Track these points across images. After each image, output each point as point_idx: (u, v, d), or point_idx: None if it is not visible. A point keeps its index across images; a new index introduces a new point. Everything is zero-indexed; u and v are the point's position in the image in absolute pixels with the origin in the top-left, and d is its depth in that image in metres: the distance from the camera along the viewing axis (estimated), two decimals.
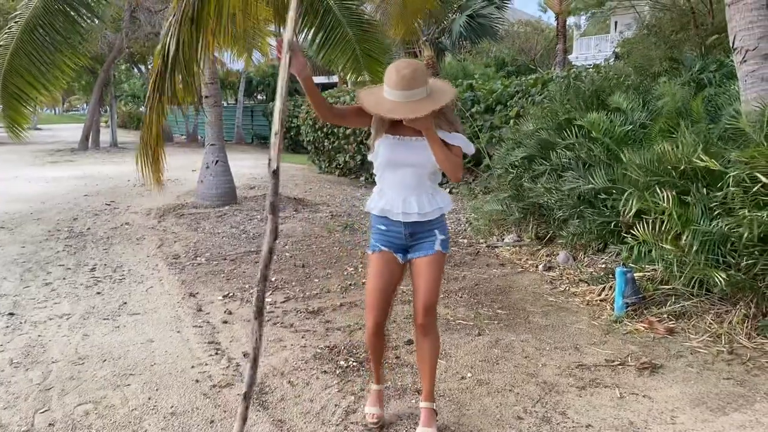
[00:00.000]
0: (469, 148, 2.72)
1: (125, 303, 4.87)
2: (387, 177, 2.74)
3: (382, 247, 2.77)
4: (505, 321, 4.40)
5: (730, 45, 4.57)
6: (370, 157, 2.81)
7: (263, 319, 2.42)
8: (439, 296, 2.83)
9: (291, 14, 2.51)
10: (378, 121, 2.69)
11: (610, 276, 4.84)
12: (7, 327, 4.35)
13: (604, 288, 4.85)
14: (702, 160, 3.93)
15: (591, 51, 29.82)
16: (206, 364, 3.68)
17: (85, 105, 51.41)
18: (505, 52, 33.80)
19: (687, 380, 3.41)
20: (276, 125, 2.46)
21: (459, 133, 2.69)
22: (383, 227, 2.77)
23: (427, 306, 2.75)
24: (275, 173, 2.47)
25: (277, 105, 2.46)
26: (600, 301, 4.75)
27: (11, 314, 4.61)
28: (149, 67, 27.66)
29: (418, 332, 2.85)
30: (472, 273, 5.64)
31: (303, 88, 2.62)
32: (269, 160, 2.47)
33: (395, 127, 2.69)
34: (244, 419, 2.39)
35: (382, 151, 2.70)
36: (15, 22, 7.18)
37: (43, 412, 3.12)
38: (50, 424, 3.00)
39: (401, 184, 2.70)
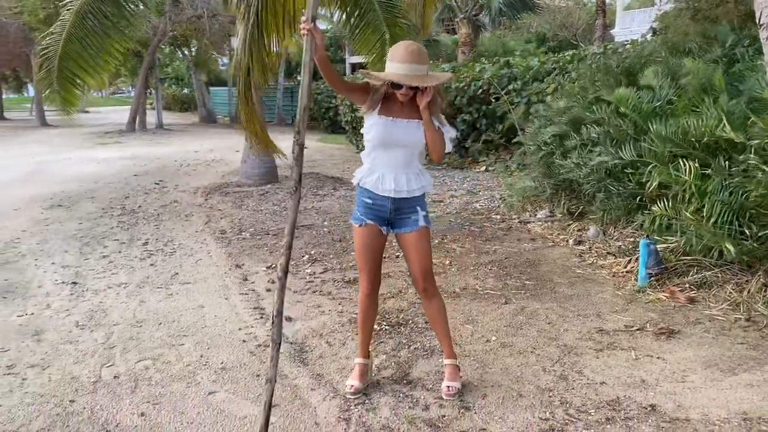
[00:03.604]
0: (450, 134, 2.97)
1: (177, 273, 5.25)
2: (378, 155, 2.95)
3: (368, 221, 3.00)
4: (532, 291, 4.62)
5: (757, 21, 4.63)
6: (363, 130, 3.01)
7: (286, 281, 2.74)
8: (432, 262, 3.09)
9: None
10: (372, 100, 2.91)
11: (637, 249, 5.00)
12: (72, 294, 4.77)
13: (630, 260, 5.02)
14: (725, 133, 4.06)
15: (634, 25, 29.17)
16: (252, 327, 4.02)
17: (130, 88, 52.70)
18: (546, 27, 33.33)
19: (702, 344, 3.59)
20: (304, 99, 2.71)
21: (444, 122, 2.97)
22: (370, 201, 2.99)
23: (424, 271, 3.03)
24: (301, 146, 2.74)
25: (304, 81, 2.70)
26: (626, 272, 4.92)
27: (74, 283, 5.03)
28: (192, 49, 28.26)
29: (423, 297, 3.14)
30: (503, 247, 5.85)
31: (317, 63, 2.71)
32: (296, 132, 2.73)
33: (388, 109, 2.91)
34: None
35: (375, 130, 2.91)
36: (67, 10, 7.61)
37: (108, 366, 3.50)
38: (115, 377, 3.37)
39: (392, 163, 2.92)
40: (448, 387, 3.06)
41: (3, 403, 3.10)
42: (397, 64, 2.79)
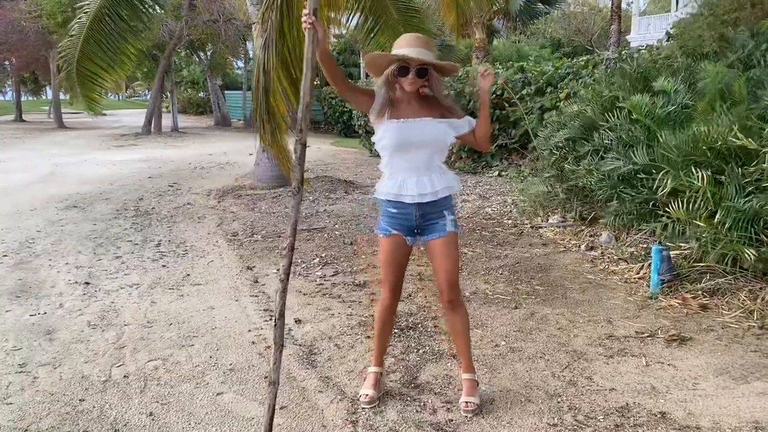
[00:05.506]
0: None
1: (188, 275, 5.28)
2: (396, 161, 2.82)
3: (393, 231, 2.87)
4: (543, 296, 4.60)
5: None
6: (374, 139, 2.93)
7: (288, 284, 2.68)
8: (459, 272, 3.01)
9: None
10: (380, 106, 2.80)
11: (649, 255, 4.96)
12: (84, 294, 4.81)
13: (642, 266, 4.98)
14: (738, 139, 4.02)
15: (650, 31, 28.99)
16: (261, 329, 4.03)
17: (146, 91, 53.13)
18: (561, 33, 33.24)
19: (714, 352, 3.55)
20: (306, 97, 2.67)
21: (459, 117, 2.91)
22: (395, 210, 2.86)
23: (451, 282, 2.90)
24: (304, 145, 2.70)
25: (306, 78, 2.65)
26: (638, 278, 4.88)
27: (87, 283, 5.07)
28: (208, 53, 28.46)
29: (447, 309, 2.99)
30: (515, 252, 5.82)
31: (319, 58, 2.66)
32: (298, 131, 2.69)
33: (397, 112, 2.80)
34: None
35: (389, 135, 2.77)
36: (84, 13, 7.71)
37: (118, 366, 3.52)
38: (125, 376, 3.39)
39: (412, 166, 2.79)
40: (467, 403, 2.94)
41: (14, 401, 3.13)
42: (405, 48, 2.75)
